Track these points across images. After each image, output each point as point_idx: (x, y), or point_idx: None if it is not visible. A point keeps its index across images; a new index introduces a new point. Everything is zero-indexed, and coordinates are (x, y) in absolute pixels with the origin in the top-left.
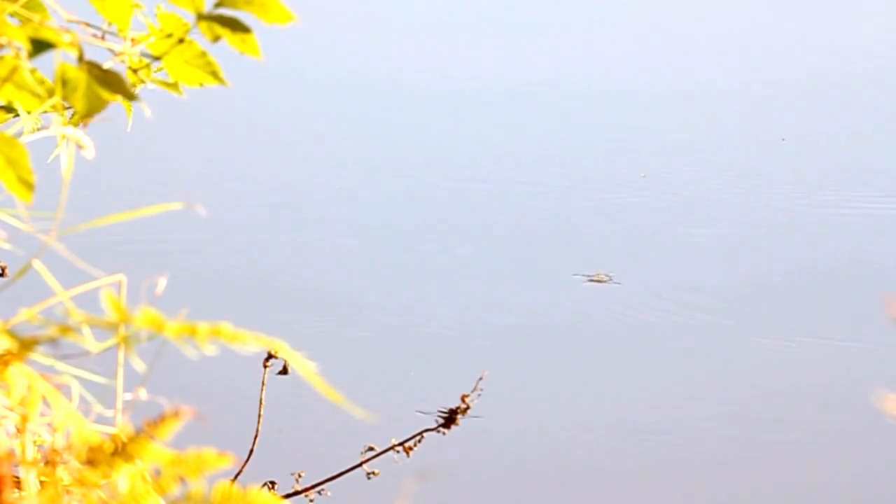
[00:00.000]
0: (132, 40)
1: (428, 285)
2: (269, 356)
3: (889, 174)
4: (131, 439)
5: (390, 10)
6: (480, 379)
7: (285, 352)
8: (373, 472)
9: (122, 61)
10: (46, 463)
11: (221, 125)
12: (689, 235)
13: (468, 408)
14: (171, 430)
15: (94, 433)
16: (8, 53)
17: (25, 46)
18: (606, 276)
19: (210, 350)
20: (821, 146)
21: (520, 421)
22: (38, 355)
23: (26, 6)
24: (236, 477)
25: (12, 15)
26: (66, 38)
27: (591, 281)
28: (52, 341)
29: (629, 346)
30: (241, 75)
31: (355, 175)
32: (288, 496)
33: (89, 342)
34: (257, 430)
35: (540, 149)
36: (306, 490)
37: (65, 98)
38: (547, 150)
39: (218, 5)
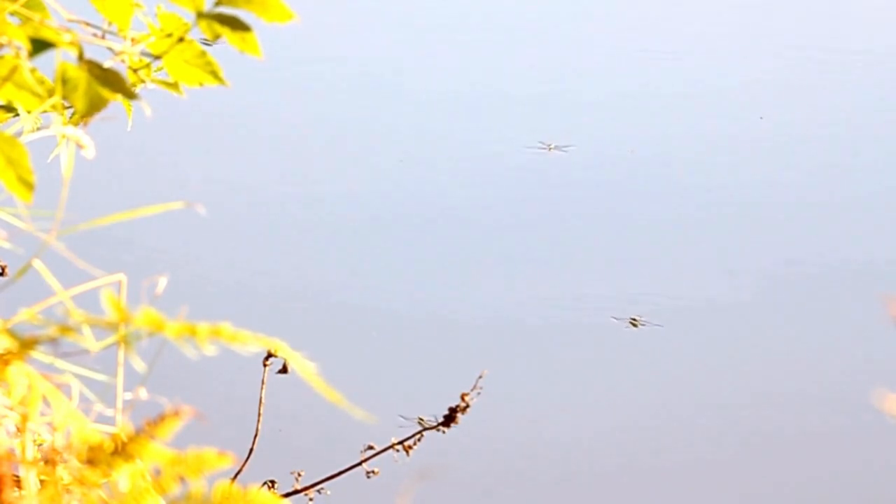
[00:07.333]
0: (132, 40)
1: (428, 283)
2: (269, 355)
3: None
4: (131, 439)
5: (391, 8)
6: (480, 377)
7: (285, 351)
8: (373, 472)
9: (122, 60)
10: (46, 462)
11: (222, 124)
12: (689, 234)
13: (468, 406)
14: (171, 429)
15: (95, 432)
16: (8, 53)
17: (25, 46)
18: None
19: (210, 350)
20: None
21: (520, 420)
22: (39, 354)
23: (26, 5)
24: (236, 476)
25: (12, 14)
26: (67, 37)
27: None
28: (52, 341)
29: (627, 347)
30: (243, 75)
31: (355, 174)
32: (287, 495)
33: (89, 342)
34: (257, 430)
35: (536, 149)
36: (306, 489)
37: (65, 97)
38: (543, 152)
39: (218, 4)
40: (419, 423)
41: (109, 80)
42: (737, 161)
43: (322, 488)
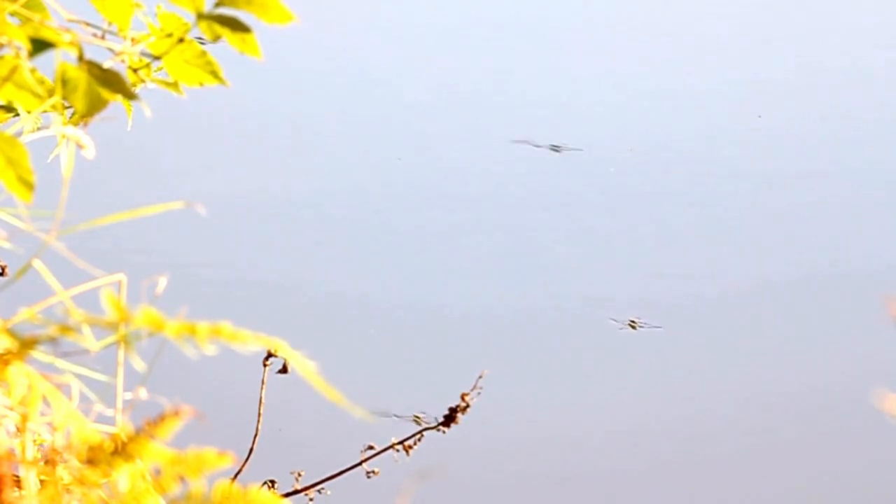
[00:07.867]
0: (132, 40)
1: (428, 283)
2: (269, 355)
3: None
4: (131, 439)
5: (392, 9)
6: (480, 377)
7: (285, 351)
8: (373, 472)
9: (122, 61)
10: (46, 462)
11: (222, 124)
12: (690, 235)
13: (468, 406)
14: (171, 429)
15: (95, 432)
16: (8, 53)
17: (25, 46)
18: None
19: (210, 350)
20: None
21: (520, 420)
22: (39, 354)
23: (26, 6)
24: (236, 476)
25: (12, 14)
26: (66, 37)
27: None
28: (53, 340)
29: (625, 349)
30: (243, 75)
31: (354, 174)
32: (287, 495)
33: (89, 341)
34: (257, 430)
35: (535, 149)
36: (306, 489)
37: (65, 97)
38: (545, 154)
39: (218, 5)
40: (414, 420)
41: (109, 80)
42: (736, 161)
43: (322, 488)
